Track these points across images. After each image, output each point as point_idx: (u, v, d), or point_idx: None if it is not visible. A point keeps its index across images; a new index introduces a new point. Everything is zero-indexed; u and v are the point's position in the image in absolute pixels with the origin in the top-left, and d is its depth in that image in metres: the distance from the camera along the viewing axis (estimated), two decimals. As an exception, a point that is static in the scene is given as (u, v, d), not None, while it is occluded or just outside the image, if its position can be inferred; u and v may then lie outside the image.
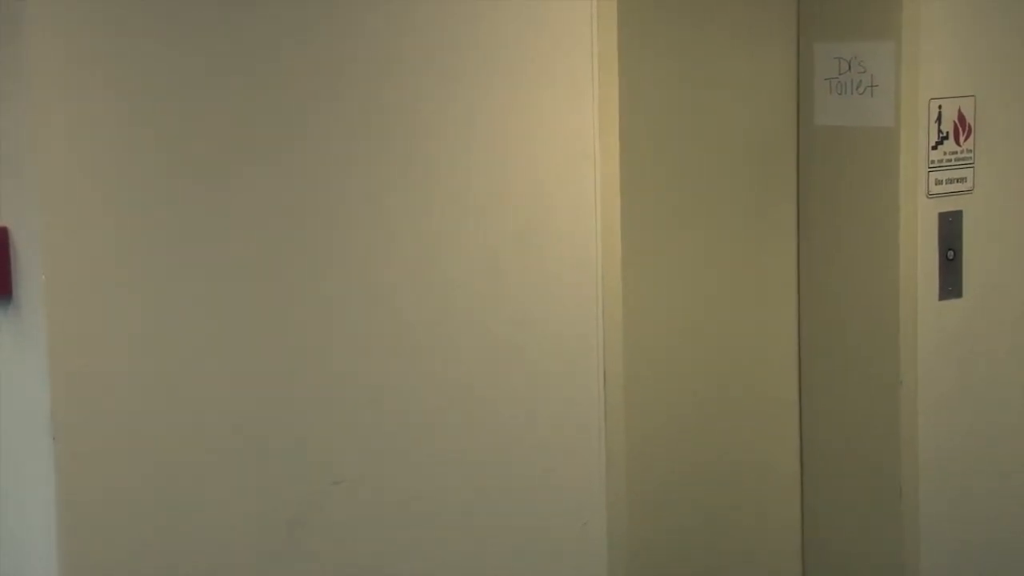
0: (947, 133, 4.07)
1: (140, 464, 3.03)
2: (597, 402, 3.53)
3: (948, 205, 4.09)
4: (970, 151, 4.12)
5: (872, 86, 4.03)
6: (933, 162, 4.06)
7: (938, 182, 4.07)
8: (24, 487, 3.10)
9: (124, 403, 3.01)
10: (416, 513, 3.35)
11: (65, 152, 2.94)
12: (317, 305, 3.20)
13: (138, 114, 2.97)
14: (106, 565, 3.03)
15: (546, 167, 3.44)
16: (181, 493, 3.10)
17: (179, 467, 3.09)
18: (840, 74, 4.09)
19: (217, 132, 3.06)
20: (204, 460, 3.11)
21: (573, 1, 3.41)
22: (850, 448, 4.19)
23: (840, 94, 4.08)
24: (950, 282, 4.11)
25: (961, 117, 4.09)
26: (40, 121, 2.91)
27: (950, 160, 4.08)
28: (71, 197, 2.95)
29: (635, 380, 3.81)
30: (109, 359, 2.99)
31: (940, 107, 4.04)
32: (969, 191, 4.13)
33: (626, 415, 3.61)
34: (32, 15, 2.88)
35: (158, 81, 2.99)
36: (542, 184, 3.43)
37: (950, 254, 4.11)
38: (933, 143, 4.05)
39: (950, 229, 4.10)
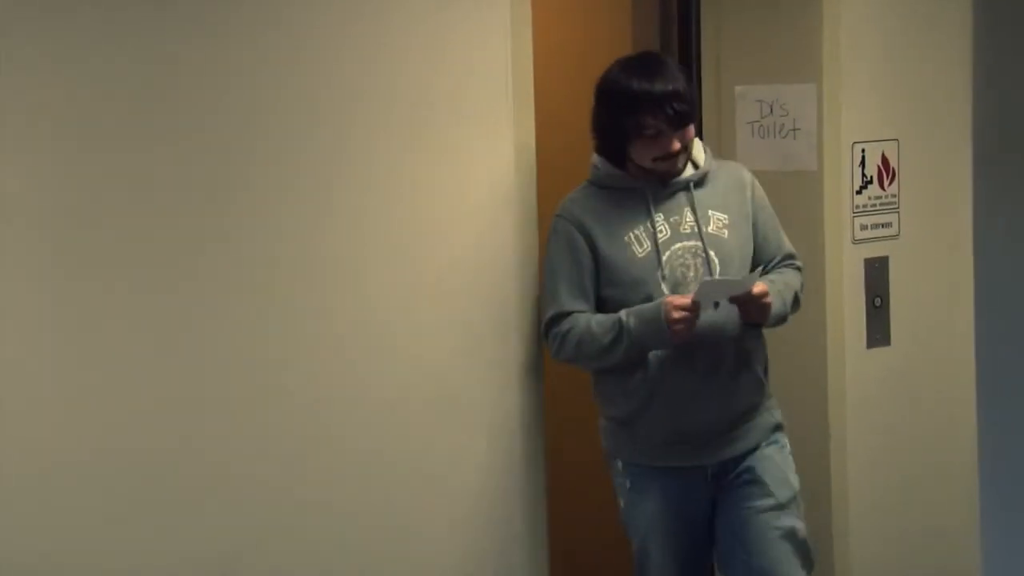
0: (871, 177, 4.05)
1: (46, 518, 3.07)
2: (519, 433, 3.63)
3: (874, 251, 4.07)
4: (895, 196, 4.10)
5: (794, 129, 4.02)
6: (858, 207, 4.04)
7: (863, 227, 4.06)
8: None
9: (29, 454, 3.05)
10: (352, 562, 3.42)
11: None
12: (252, 355, 3.27)
13: (48, 124, 3.04)
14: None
15: (467, 204, 3.56)
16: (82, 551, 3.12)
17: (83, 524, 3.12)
18: (763, 117, 4.07)
19: (128, 154, 3.13)
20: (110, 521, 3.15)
21: (489, 47, 3.54)
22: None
23: (763, 138, 4.06)
24: (878, 329, 4.07)
25: (885, 161, 4.08)
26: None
27: (875, 205, 4.07)
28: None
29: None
30: (11, 413, 3.04)
31: (863, 151, 4.04)
32: (895, 236, 4.11)
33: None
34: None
35: (68, 90, 3.06)
36: (465, 219, 3.56)
37: (877, 301, 4.07)
38: (857, 187, 4.04)
39: (877, 275, 4.07)
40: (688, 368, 3.47)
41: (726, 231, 3.54)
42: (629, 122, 3.42)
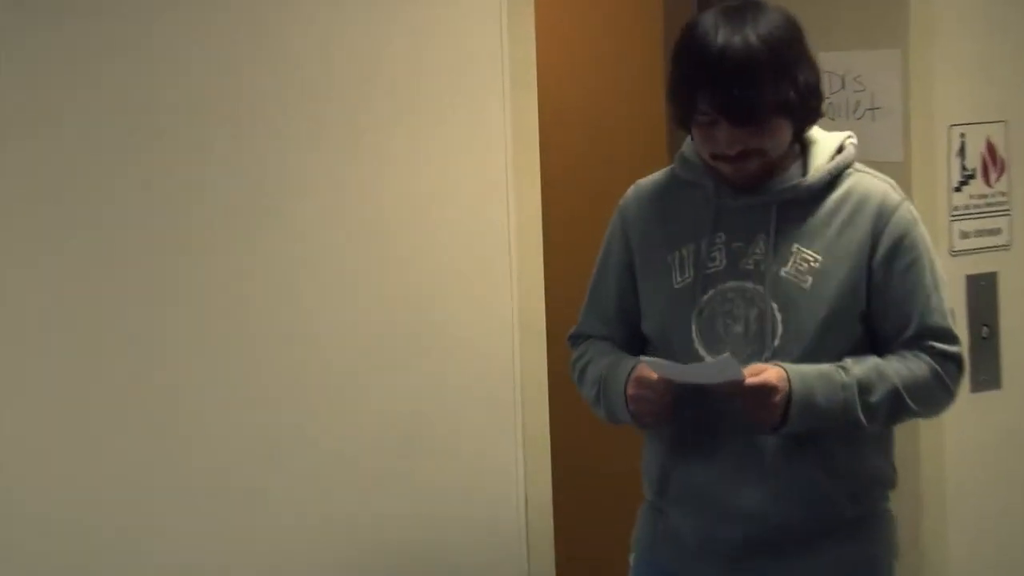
0: (973, 170, 3.78)
1: (41, 520, 3.14)
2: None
3: (979, 265, 3.81)
4: (1004, 194, 3.81)
5: (873, 108, 3.75)
6: (957, 208, 3.76)
7: (964, 235, 3.78)
8: None
9: (23, 455, 3.13)
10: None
11: None
12: (250, 357, 3.32)
13: (46, 125, 3.12)
14: None
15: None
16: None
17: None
18: (832, 93, 3.76)
19: (117, 155, 3.18)
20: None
21: (481, 22, 3.47)
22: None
23: (833, 119, 3.72)
24: (985, 368, 3.79)
25: (991, 149, 3.79)
26: None
27: (979, 206, 3.78)
28: None
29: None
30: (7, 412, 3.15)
31: (963, 136, 3.76)
32: (1006, 246, 3.83)
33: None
34: None
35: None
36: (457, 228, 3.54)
37: (984, 331, 3.81)
38: (956, 184, 3.76)
39: (983, 297, 3.80)
40: (700, 454, 2.66)
41: (810, 278, 2.62)
42: (689, 95, 2.59)
